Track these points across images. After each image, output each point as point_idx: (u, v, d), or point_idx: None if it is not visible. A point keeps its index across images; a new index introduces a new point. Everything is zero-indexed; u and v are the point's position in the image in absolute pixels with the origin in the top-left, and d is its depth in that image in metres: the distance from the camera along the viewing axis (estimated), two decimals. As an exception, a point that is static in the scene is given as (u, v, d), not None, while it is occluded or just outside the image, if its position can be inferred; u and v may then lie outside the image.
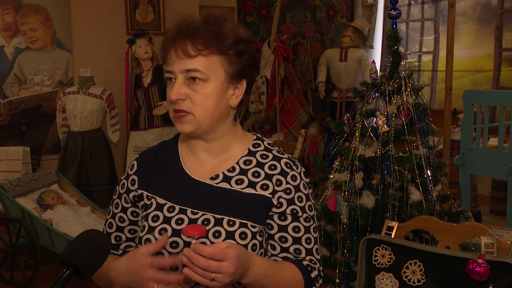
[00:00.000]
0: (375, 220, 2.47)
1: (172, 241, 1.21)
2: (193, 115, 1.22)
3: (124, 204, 1.33)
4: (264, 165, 1.28)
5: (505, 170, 3.57)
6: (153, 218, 1.25)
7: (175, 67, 1.21)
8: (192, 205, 1.24)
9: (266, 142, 1.34)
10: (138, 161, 1.35)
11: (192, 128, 1.23)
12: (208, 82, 1.21)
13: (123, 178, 1.36)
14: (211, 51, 1.20)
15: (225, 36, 1.21)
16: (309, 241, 1.25)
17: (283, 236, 1.24)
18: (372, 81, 2.66)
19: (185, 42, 1.20)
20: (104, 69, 5.09)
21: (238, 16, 6.42)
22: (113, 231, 1.34)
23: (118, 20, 5.18)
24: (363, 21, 7.19)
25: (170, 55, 1.22)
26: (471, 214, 2.76)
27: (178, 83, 1.20)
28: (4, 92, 4.78)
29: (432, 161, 2.58)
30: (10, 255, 3.79)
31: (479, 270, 1.75)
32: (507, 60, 6.07)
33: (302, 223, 1.25)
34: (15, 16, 4.76)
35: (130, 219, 1.32)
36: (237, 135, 1.32)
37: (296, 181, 1.27)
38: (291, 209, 1.25)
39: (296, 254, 1.24)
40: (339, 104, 6.41)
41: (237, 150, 1.30)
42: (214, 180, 1.26)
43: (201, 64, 1.19)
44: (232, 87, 1.25)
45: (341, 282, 2.55)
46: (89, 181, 4.55)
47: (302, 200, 1.26)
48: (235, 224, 1.21)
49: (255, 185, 1.25)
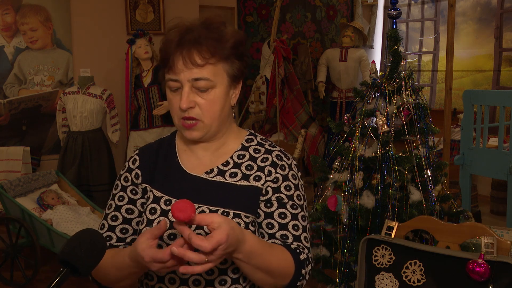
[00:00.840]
0: (375, 220, 2.48)
1: (170, 233, 1.23)
2: (202, 121, 1.25)
3: (131, 196, 1.32)
4: (257, 158, 1.31)
5: (505, 170, 3.57)
6: (151, 211, 1.28)
7: (182, 77, 1.21)
8: (188, 199, 1.26)
9: (259, 137, 1.39)
10: (139, 156, 1.36)
11: (202, 134, 1.27)
12: (215, 88, 1.24)
13: (124, 171, 1.36)
14: (216, 59, 1.22)
15: (227, 41, 1.23)
16: (296, 228, 1.26)
17: (269, 222, 1.26)
18: (372, 81, 2.66)
19: (191, 51, 1.21)
20: (104, 69, 5.09)
21: (238, 16, 6.42)
22: (118, 223, 1.32)
23: (118, 20, 5.18)
24: (363, 21, 7.19)
25: (176, 64, 1.22)
26: (471, 214, 2.76)
27: (187, 92, 1.22)
28: (4, 92, 4.78)
29: (432, 161, 2.58)
30: (10, 255, 3.79)
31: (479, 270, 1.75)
32: (507, 60, 6.07)
33: (288, 210, 1.26)
34: (15, 16, 4.76)
35: (139, 210, 1.32)
36: (233, 131, 1.36)
37: (285, 171, 1.30)
38: (276, 196, 1.27)
39: (283, 240, 1.24)
40: (339, 104, 6.41)
41: (232, 145, 1.34)
42: (209, 174, 1.29)
43: (209, 73, 1.21)
44: (233, 88, 1.30)
45: (341, 282, 2.55)
46: (89, 181, 4.55)
47: (290, 189, 1.28)
48: (229, 215, 1.24)
49: (248, 177, 1.29)
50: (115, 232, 1.32)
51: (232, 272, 1.25)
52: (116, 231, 1.32)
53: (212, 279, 1.24)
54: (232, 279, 1.25)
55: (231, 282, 1.25)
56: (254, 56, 6.57)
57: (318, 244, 2.71)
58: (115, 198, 1.34)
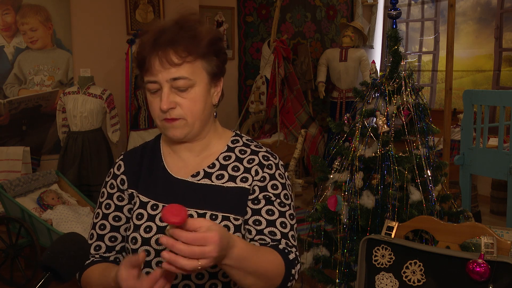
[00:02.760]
0: (375, 220, 2.47)
1: (157, 238, 1.22)
2: (184, 119, 1.23)
3: (118, 203, 1.32)
4: (243, 159, 1.31)
5: (505, 170, 3.57)
6: (137, 216, 1.27)
7: (160, 77, 1.20)
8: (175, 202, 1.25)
9: (245, 138, 1.37)
10: (124, 161, 1.35)
11: (185, 132, 1.25)
12: (195, 87, 1.22)
13: (109, 179, 1.35)
14: (194, 57, 1.21)
15: (202, 39, 1.22)
16: (284, 225, 1.25)
17: (257, 219, 1.24)
18: (372, 81, 2.66)
19: (167, 51, 1.19)
20: (104, 69, 5.09)
21: (238, 16, 6.42)
22: (107, 232, 1.31)
23: (118, 20, 5.18)
24: (363, 21, 7.20)
25: (152, 65, 1.20)
26: (471, 214, 2.76)
27: (166, 93, 1.20)
28: (4, 92, 4.78)
29: (432, 161, 2.58)
30: (10, 255, 3.80)
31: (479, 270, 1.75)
32: (507, 60, 6.07)
33: (276, 207, 1.26)
34: (15, 16, 4.76)
35: (127, 216, 1.31)
36: (217, 132, 1.35)
37: (271, 170, 1.29)
38: (264, 194, 1.26)
39: (271, 236, 1.23)
40: (339, 104, 6.42)
41: (217, 147, 1.33)
42: (195, 177, 1.29)
43: (187, 71, 1.20)
44: (213, 86, 1.28)
45: (341, 282, 2.55)
46: (89, 181, 4.55)
47: (277, 188, 1.28)
48: (217, 217, 1.23)
49: (235, 178, 1.28)
50: (104, 241, 1.31)
51: (223, 276, 1.24)
52: (105, 240, 1.31)
53: (202, 284, 1.23)
54: (223, 283, 1.24)
55: (222, 286, 1.24)
56: (254, 56, 6.57)
57: (318, 244, 2.71)
58: (102, 206, 1.33)
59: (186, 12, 1.26)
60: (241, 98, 6.53)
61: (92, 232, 1.33)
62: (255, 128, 5.93)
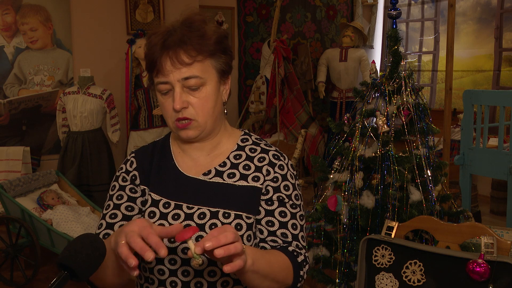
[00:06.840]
0: (375, 220, 2.47)
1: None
2: (196, 121, 1.25)
3: (130, 194, 1.30)
4: (254, 158, 1.32)
5: (505, 170, 3.57)
6: (150, 214, 1.26)
7: (172, 77, 1.21)
8: (187, 201, 1.26)
9: (254, 137, 1.38)
10: (136, 158, 1.35)
11: (197, 132, 1.27)
12: (206, 85, 1.24)
13: (121, 172, 1.34)
14: (203, 56, 1.23)
15: (210, 37, 1.23)
16: (295, 227, 1.28)
17: (270, 220, 1.26)
18: (372, 81, 2.66)
19: (177, 51, 1.21)
20: (104, 69, 5.09)
21: (238, 16, 6.42)
22: (118, 220, 1.27)
23: (118, 20, 5.18)
24: (363, 21, 7.20)
25: (163, 66, 1.21)
26: (471, 214, 2.76)
27: (179, 92, 1.22)
28: (4, 92, 4.78)
29: (432, 161, 2.58)
30: (10, 255, 3.80)
31: (479, 270, 1.75)
32: (507, 60, 6.07)
33: (288, 209, 1.28)
34: (15, 16, 4.76)
35: (140, 208, 1.29)
36: (226, 130, 1.36)
37: (283, 171, 1.31)
38: (277, 196, 1.28)
39: (283, 238, 1.25)
40: (339, 104, 6.42)
41: (227, 146, 1.34)
42: (207, 175, 1.29)
43: (198, 70, 1.22)
44: (223, 83, 1.30)
45: (341, 282, 2.55)
46: (89, 181, 4.55)
47: (289, 189, 1.30)
48: (230, 216, 1.24)
49: (247, 177, 1.29)
50: (113, 230, 1.26)
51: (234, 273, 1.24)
52: (114, 228, 1.27)
53: (214, 281, 1.24)
54: (234, 280, 1.25)
55: (233, 283, 1.25)
56: (254, 56, 6.57)
57: (318, 244, 2.71)
58: (113, 198, 1.30)
59: (191, 12, 1.27)
60: (241, 98, 6.54)
61: (101, 222, 1.29)
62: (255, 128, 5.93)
